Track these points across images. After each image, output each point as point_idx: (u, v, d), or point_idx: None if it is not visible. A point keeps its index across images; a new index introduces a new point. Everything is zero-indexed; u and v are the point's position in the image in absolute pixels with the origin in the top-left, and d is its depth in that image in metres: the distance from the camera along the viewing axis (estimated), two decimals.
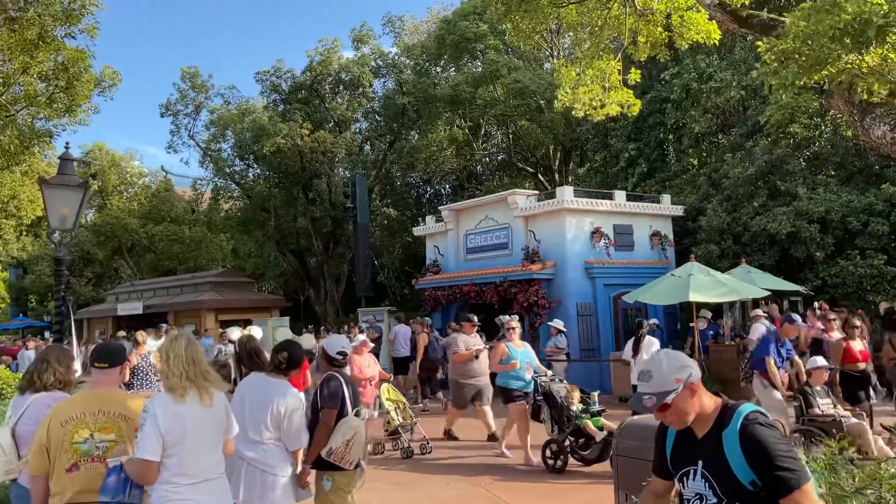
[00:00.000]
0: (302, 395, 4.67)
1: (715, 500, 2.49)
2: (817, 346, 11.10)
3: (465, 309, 18.84)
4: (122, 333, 16.88)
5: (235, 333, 11.65)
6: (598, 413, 8.33)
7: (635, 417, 5.66)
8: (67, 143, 7.81)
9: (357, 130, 31.49)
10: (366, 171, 28.88)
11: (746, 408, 2.52)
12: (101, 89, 17.43)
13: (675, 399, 2.50)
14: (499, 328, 15.48)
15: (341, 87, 29.77)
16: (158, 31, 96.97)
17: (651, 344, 11.37)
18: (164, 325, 13.97)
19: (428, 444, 9.63)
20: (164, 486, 3.44)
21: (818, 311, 12.86)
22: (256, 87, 49.80)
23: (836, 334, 9.95)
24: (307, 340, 10.64)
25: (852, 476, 3.56)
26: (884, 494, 3.62)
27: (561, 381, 9.21)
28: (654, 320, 14.78)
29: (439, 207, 20.46)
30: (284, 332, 10.04)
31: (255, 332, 10.19)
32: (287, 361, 4.55)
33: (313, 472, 4.62)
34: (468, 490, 7.69)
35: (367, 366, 9.64)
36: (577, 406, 8.36)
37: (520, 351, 9.19)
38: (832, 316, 10.68)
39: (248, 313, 24.67)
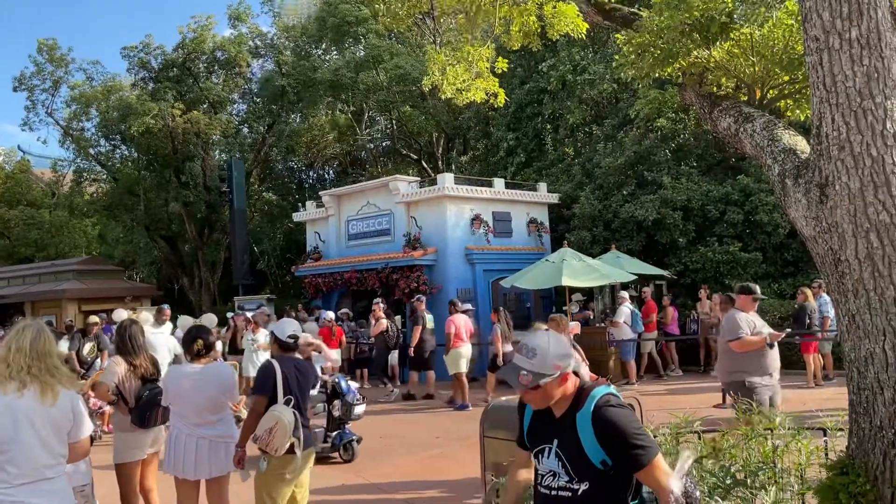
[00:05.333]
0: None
1: (567, 478, 2.55)
2: None
3: (346, 296, 18.67)
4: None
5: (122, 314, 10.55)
6: None
7: (502, 399, 5.78)
8: None
9: (234, 112, 30.33)
10: (243, 154, 27.89)
11: (600, 390, 2.58)
12: None
13: (546, 383, 2.50)
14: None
15: (216, 67, 28.52)
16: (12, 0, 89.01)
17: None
18: (165, 307, 12.54)
19: None
20: None
21: None
22: (123, 63, 46.95)
23: None
24: (209, 319, 10.19)
25: (696, 447, 3.80)
26: (724, 463, 3.89)
27: None
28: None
29: (320, 193, 20.09)
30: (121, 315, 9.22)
31: (145, 316, 9.53)
32: (204, 347, 4.95)
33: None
34: None
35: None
36: None
37: None
38: None
39: (116, 303, 23.20)
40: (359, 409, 8.53)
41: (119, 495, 5.32)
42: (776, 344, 6.65)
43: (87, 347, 11.33)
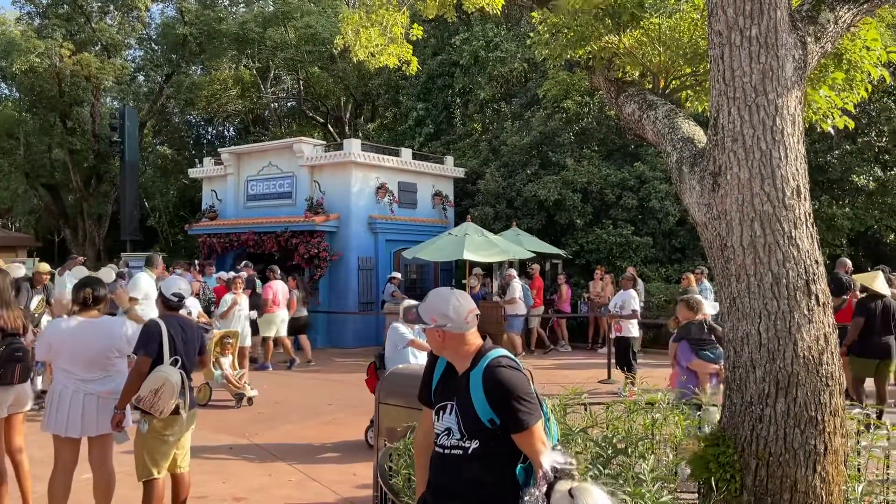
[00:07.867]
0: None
1: (459, 435, 2.63)
2: None
3: (242, 258, 18.13)
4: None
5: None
6: None
7: (400, 367, 5.82)
8: None
9: (129, 58, 28.65)
10: (138, 103, 26.43)
11: (496, 352, 2.65)
12: None
13: (427, 329, 2.72)
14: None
15: (112, 8, 26.78)
16: None
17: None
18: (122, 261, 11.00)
19: None
20: None
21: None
22: None
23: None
24: (107, 274, 9.38)
25: (583, 418, 3.97)
26: (607, 434, 4.08)
27: None
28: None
29: (219, 150, 19.32)
30: None
31: (15, 269, 8.82)
32: (92, 297, 4.71)
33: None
34: None
35: None
36: None
37: None
38: None
39: None
40: None
41: None
42: None
43: (36, 301, 9.03)
